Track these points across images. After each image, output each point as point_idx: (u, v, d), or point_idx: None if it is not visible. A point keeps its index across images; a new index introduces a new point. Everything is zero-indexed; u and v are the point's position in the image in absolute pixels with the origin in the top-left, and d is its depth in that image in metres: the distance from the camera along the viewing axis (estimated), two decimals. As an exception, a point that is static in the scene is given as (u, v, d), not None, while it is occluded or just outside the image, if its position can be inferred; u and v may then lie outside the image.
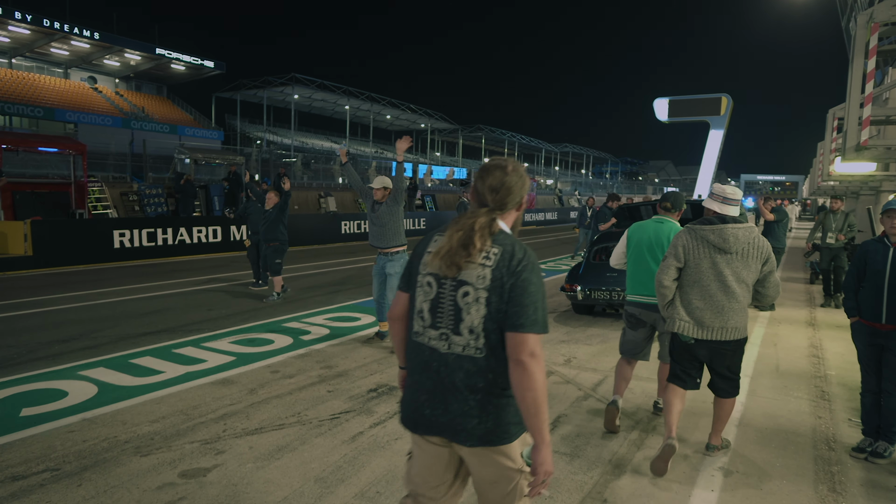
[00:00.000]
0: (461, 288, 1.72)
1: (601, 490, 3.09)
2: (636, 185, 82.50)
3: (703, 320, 3.24)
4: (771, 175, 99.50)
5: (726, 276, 3.20)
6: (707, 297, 3.23)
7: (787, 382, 4.97)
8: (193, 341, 5.99)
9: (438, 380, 1.75)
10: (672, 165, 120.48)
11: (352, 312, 7.62)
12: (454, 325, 1.73)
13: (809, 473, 3.33)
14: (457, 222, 1.77)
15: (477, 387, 1.71)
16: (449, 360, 1.74)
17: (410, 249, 4.67)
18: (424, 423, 1.79)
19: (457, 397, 1.73)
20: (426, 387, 1.78)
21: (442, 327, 1.75)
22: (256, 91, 46.88)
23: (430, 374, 1.77)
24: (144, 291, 9.08)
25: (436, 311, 1.77)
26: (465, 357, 1.72)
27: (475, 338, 1.71)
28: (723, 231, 3.20)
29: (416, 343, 1.82)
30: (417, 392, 1.81)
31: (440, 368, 1.75)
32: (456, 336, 1.73)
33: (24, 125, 33.93)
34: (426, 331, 1.79)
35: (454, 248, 1.72)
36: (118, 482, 3.08)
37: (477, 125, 64.64)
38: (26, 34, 33.51)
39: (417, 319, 1.82)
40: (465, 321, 1.71)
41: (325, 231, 18.25)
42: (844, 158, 7.55)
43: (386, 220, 5.77)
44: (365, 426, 3.88)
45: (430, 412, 1.77)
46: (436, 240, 1.83)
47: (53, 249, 11.71)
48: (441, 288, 1.76)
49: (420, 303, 1.81)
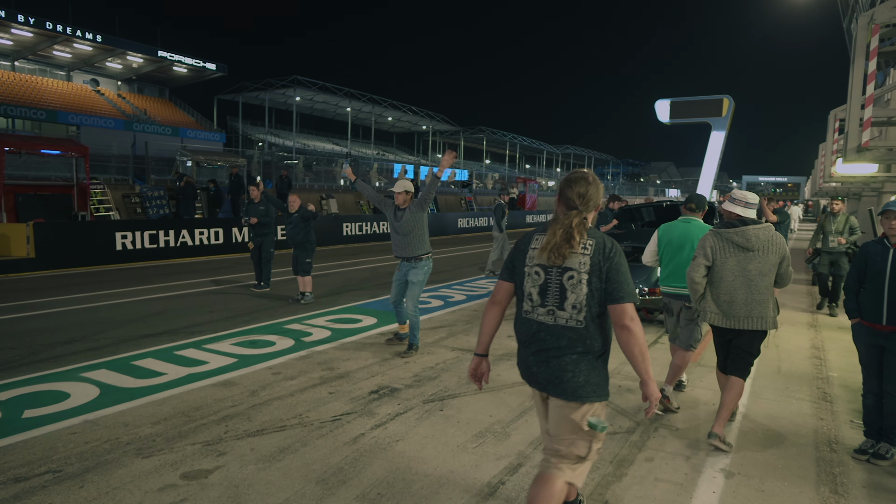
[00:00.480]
0: (566, 273, 2.24)
1: (602, 491, 3.08)
2: (638, 186, 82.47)
3: (730, 312, 3.64)
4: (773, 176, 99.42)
5: (750, 272, 3.60)
6: (733, 291, 3.62)
7: (789, 384, 4.96)
8: (195, 343, 6.00)
9: (544, 346, 2.28)
10: (674, 167, 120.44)
11: (353, 314, 7.63)
12: (559, 302, 2.26)
13: (811, 475, 3.33)
14: (555, 223, 2.27)
15: (576, 350, 2.25)
16: (555, 330, 2.27)
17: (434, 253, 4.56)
18: (533, 379, 2.36)
19: (557, 360, 2.26)
20: (533, 350, 2.32)
21: (549, 305, 2.28)
22: (258, 93, 46.98)
23: (537, 341, 2.31)
24: (146, 293, 9.10)
25: (544, 293, 2.28)
26: (567, 327, 2.25)
27: (577, 312, 2.23)
28: (745, 232, 3.62)
29: (526, 319, 2.35)
30: (528, 355, 2.36)
31: (546, 337, 2.28)
32: (561, 311, 2.26)
33: (27, 127, 34.02)
34: (535, 309, 2.31)
35: (559, 243, 2.22)
36: (120, 483, 3.09)
37: (478, 127, 64.69)
38: (29, 37, 33.63)
39: (527, 301, 2.33)
40: (569, 299, 2.24)
41: (327, 233, 18.25)
42: (846, 160, 7.54)
43: (410, 227, 5.56)
44: (366, 428, 3.88)
45: (536, 370, 2.32)
46: (537, 238, 2.34)
47: (56, 251, 11.73)
48: (548, 275, 2.28)
49: (529, 288, 2.32)
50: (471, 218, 26.08)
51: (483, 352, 2.49)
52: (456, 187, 36.44)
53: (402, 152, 67.34)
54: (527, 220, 30.71)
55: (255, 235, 9.18)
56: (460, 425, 3.95)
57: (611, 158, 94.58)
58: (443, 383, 4.84)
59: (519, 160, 77.57)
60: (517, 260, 2.39)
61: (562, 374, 2.25)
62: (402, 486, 3.11)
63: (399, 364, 5.38)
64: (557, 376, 2.26)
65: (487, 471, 3.29)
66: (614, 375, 5.12)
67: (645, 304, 6.69)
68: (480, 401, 4.43)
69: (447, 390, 4.67)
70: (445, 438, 3.73)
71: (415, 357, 5.62)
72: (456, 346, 6.05)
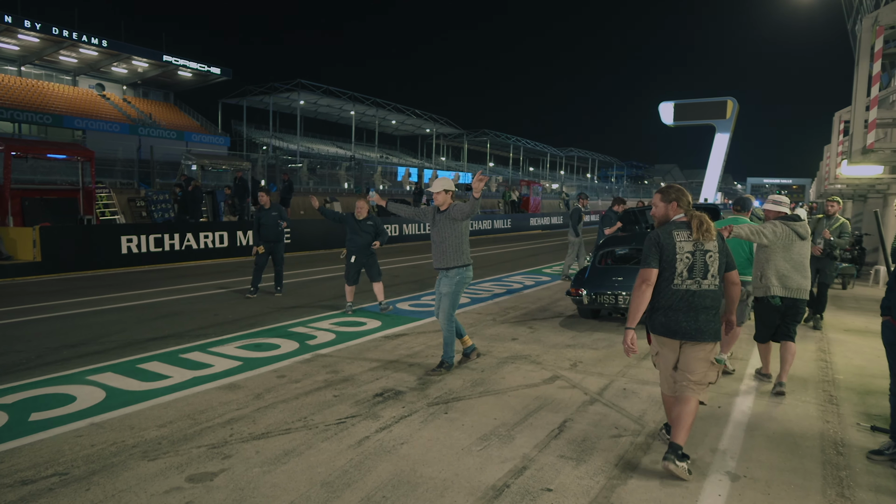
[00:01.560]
0: (707, 254, 3.32)
1: (608, 494, 3.08)
2: (642, 188, 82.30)
3: (787, 284, 4.76)
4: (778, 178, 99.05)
5: (803, 256, 4.82)
6: (789, 269, 4.76)
7: (795, 387, 4.94)
8: (200, 346, 6.02)
9: (692, 307, 3.30)
10: (678, 169, 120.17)
11: (357, 317, 7.64)
12: (703, 274, 3.31)
13: (817, 478, 3.31)
14: (692, 219, 3.33)
15: (714, 307, 3.33)
16: (702, 294, 3.31)
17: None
18: (680, 331, 3.33)
19: (703, 314, 3.31)
20: (683, 311, 3.31)
21: (696, 277, 3.31)
22: (262, 97, 47.11)
23: (685, 304, 3.31)
24: (152, 297, 9.13)
25: (692, 270, 3.30)
26: (708, 291, 3.31)
27: (714, 279, 3.32)
28: (805, 225, 4.83)
29: (675, 290, 3.32)
30: (677, 315, 3.32)
31: (693, 300, 3.30)
32: (704, 280, 3.31)
33: (34, 132, 34.22)
34: (684, 282, 3.31)
35: (703, 232, 3.30)
36: (126, 486, 3.10)
37: (482, 130, 64.67)
38: (35, 42, 33.84)
39: (677, 278, 3.31)
40: (710, 271, 3.31)
41: (331, 236, 18.28)
42: (851, 161, 7.52)
43: (444, 234, 5.08)
44: (371, 431, 3.89)
45: (685, 325, 3.31)
46: (677, 233, 3.33)
47: (62, 255, 11.79)
48: (694, 257, 3.30)
49: (681, 269, 3.30)
50: (475, 221, 26.09)
51: (634, 325, 3.38)
52: (460, 190, 36.49)
53: (406, 155, 67.43)
54: (531, 222, 30.68)
55: (268, 242, 9.04)
56: (465, 428, 3.95)
57: (615, 161, 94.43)
58: (447, 386, 4.84)
59: (523, 163, 77.56)
60: (666, 251, 3.32)
61: (706, 324, 3.30)
62: (406, 488, 3.11)
63: (403, 367, 5.39)
64: (702, 327, 3.30)
65: (492, 473, 3.29)
66: (618, 378, 5.11)
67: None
68: (485, 404, 4.43)
69: (452, 393, 4.67)
70: (450, 441, 3.73)
71: (420, 360, 5.62)
72: (460, 349, 6.04)
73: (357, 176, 31.06)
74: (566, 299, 8.57)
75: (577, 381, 5.04)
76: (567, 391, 4.76)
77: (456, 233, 5.08)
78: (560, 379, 5.08)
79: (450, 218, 5.08)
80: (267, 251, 9.10)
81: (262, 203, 9.10)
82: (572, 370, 5.37)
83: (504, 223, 28.10)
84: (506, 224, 28.12)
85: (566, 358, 5.77)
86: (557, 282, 11.25)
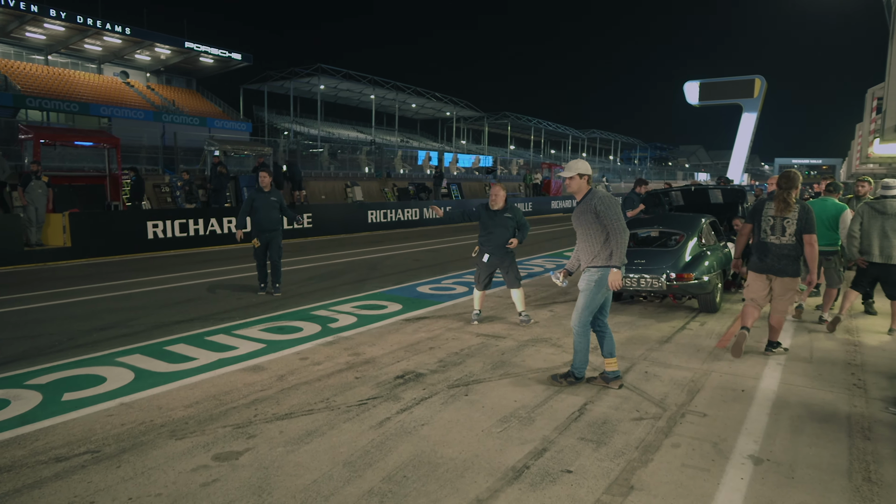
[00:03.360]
0: (785, 219, 4.99)
1: (628, 477, 3.07)
2: (665, 170, 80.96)
3: (882, 252, 5.92)
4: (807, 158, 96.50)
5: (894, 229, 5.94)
6: (879, 240, 5.92)
7: (822, 370, 4.86)
8: (225, 329, 6.13)
9: (776, 254, 5.03)
10: (703, 150, 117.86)
11: (378, 301, 7.69)
12: (782, 233, 5.00)
13: (843, 462, 3.26)
14: (782, 190, 4.98)
15: (791, 255, 5.00)
16: (782, 245, 5.02)
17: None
18: (769, 269, 5.08)
19: (784, 259, 5.02)
20: (771, 256, 5.04)
21: (777, 234, 5.02)
22: (283, 82, 47.31)
23: (771, 252, 5.05)
24: (178, 281, 9.31)
25: (774, 229, 5.03)
26: (787, 244, 5.00)
27: (791, 237, 4.97)
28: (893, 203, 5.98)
29: (763, 242, 5.10)
30: (765, 259, 5.09)
31: (776, 250, 5.04)
32: (783, 237, 4.99)
33: (61, 120, 34.91)
34: (768, 237, 5.06)
35: (782, 205, 4.97)
36: (155, 464, 3.19)
37: (503, 112, 64.12)
38: (61, 31, 34.38)
39: (763, 233, 5.10)
40: (787, 231, 4.98)
41: (352, 221, 18.40)
42: (883, 139, 7.30)
43: (578, 223, 4.40)
44: (392, 412, 3.93)
45: (772, 265, 5.06)
46: (768, 204, 5.11)
47: (91, 240, 12.07)
48: (775, 220, 5.02)
49: (765, 227, 5.08)
50: (495, 204, 25.91)
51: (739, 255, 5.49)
52: (480, 173, 36.30)
53: (426, 139, 67.23)
54: (552, 205, 30.43)
55: (263, 231, 7.82)
56: (485, 410, 3.97)
57: (638, 143, 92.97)
58: (468, 368, 4.86)
59: (544, 145, 76.77)
60: (756, 214, 5.20)
61: (787, 265, 5.02)
62: (427, 468, 3.15)
63: (424, 350, 5.42)
64: (784, 268, 5.02)
65: (512, 455, 3.31)
66: (640, 362, 5.08)
67: (672, 290, 6.58)
68: (505, 386, 4.44)
69: (472, 375, 4.69)
70: (470, 423, 3.75)
71: (440, 343, 5.64)
72: (481, 333, 6.06)
73: (377, 160, 31.06)
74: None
75: (597, 364, 5.02)
76: (587, 374, 4.74)
77: (588, 225, 4.36)
78: (581, 362, 5.05)
79: (586, 203, 4.35)
80: (263, 243, 7.86)
81: (261, 185, 7.92)
82: (594, 353, 5.33)
83: (525, 206, 27.91)
84: (527, 207, 27.94)
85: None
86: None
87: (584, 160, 4.46)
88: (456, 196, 26.76)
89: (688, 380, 4.58)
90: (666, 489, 2.96)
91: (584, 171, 4.33)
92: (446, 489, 2.94)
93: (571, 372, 4.50)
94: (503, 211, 6.23)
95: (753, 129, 38.86)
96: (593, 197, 4.31)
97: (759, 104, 38.41)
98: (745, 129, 38.84)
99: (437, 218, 21.61)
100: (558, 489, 2.95)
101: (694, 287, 6.52)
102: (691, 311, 7.02)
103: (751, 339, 5.78)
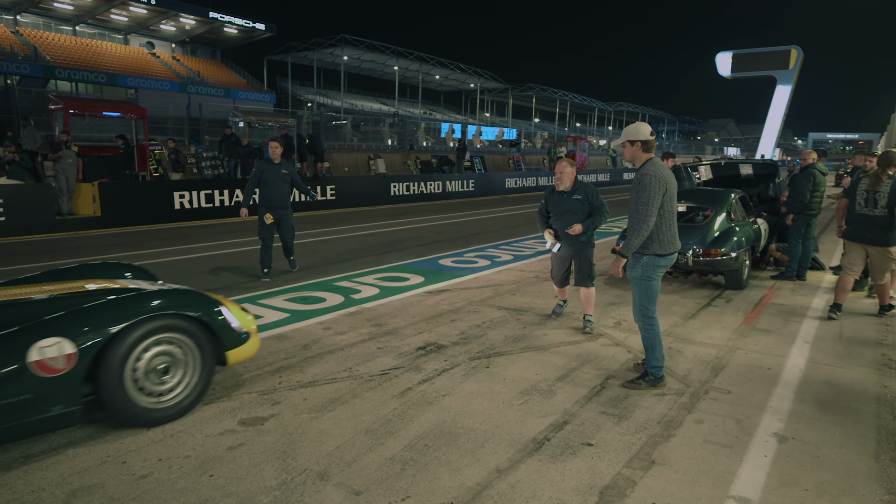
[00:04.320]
0: (877, 193, 5.50)
1: (649, 451, 3.07)
2: (694, 144, 79.13)
3: None
4: (843, 133, 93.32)
5: None
6: None
7: (851, 350, 4.76)
8: (250, 298, 6.22)
9: (869, 224, 5.56)
10: (734, 124, 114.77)
11: (401, 273, 7.72)
12: (875, 205, 5.51)
13: (871, 443, 3.21)
14: (879, 167, 5.56)
15: (885, 225, 5.49)
16: (875, 216, 5.52)
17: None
18: (863, 238, 5.63)
19: (879, 229, 5.52)
20: (864, 227, 5.59)
21: (870, 207, 5.55)
22: (307, 53, 47.02)
23: (865, 222, 5.59)
24: (203, 251, 9.46)
25: (868, 201, 5.56)
26: (880, 216, 5.49)
27: (883, 209, 5.46)
28: None
29: (858, 213, 5.63)
30: (860, 228, 5.64)
31: (869, 221, 5.56)
32: (875, 209, 5.51)
33: (89, 91, 35.32)
34: (862, 209, 5.60)
35: (875, 180, 5.52)
36: (183, 427, 3.28)
37: (528, 84, 63.00)
38: (88, 1, 34.53)
39: (858, 205, 5.63)
40: (880, 203, 5.48)
41: (376, 193, 18.41)
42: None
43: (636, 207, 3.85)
44: (413, 382, 3.97)
45: (865, 234, 5.61)
46: (862, 179, 5.67)
47: (120, 210, 12.31)
48: (868, 194, 5.55)
49: (860, 200, 5.61)
50: (519, 178, 25.72)
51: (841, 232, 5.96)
52: (504, 147, 35.90)
53: (450, 111, 66.58)
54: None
55: (273, 208, 7.16)
56: (506, 382, 3.98)
57: (666, 116, 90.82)
58: (489, 341, 4.87)
59: (569, 118, 75.51)
60: (852, 189, 5.71)
61: (882, 234, 5.49)
62: (448, 438, 3.18)
63: (446, 322, 5.44)
64: (876, 237, 5.52)
65: (533, 427, 3.32)
66: (664, 337, 5.03)
67: (698, 266, 6.47)
68: (526, 359, 4.44)
69: (493, 348, 4.70)
70: (491, 395, 3.77)
71: (461, 315, 5.66)
72: (503, 306, 6.06)
73: (401, 133, 30.90)
74: (611, 258, 8.41)
75: (620, 339, 4.99)
76: (610, 349, 4.72)
77: (637, 205, 3.87)
78: (603, 336, 5.03)
79: (639, 178, 3.84)
80: (276, 219, 7.25)
81: (271, 155, 7.19)
82: (616, 328, 5.31)
83: (549, 180, 27.57)
84: (551, 181, 27.60)
85: (610, 316, 5.70)
86: (603, 239, 11.05)
87: (643, 123, 3.88)
88: (479, 169, 26.54)
89: (712, 357, 4.53)
90: (688, 464, 2.94)
91: (632, 136, 3.80)
92: (467, 458, 2.97)
93: (647, 372, 3.96)
94: (571, 192, 5.22)
95: (788, 102, 37.59)
96: (642, 169, 3.78)
97: (794, 76, 37.08)
98: (779, 103, 37.60)
99: (460, 192, 21.47)
100: (578, 461, 2.96)
101: (721, 263, 6.41)
102: (717, 288, 6.92)
103: (775, 315, 5.69)
